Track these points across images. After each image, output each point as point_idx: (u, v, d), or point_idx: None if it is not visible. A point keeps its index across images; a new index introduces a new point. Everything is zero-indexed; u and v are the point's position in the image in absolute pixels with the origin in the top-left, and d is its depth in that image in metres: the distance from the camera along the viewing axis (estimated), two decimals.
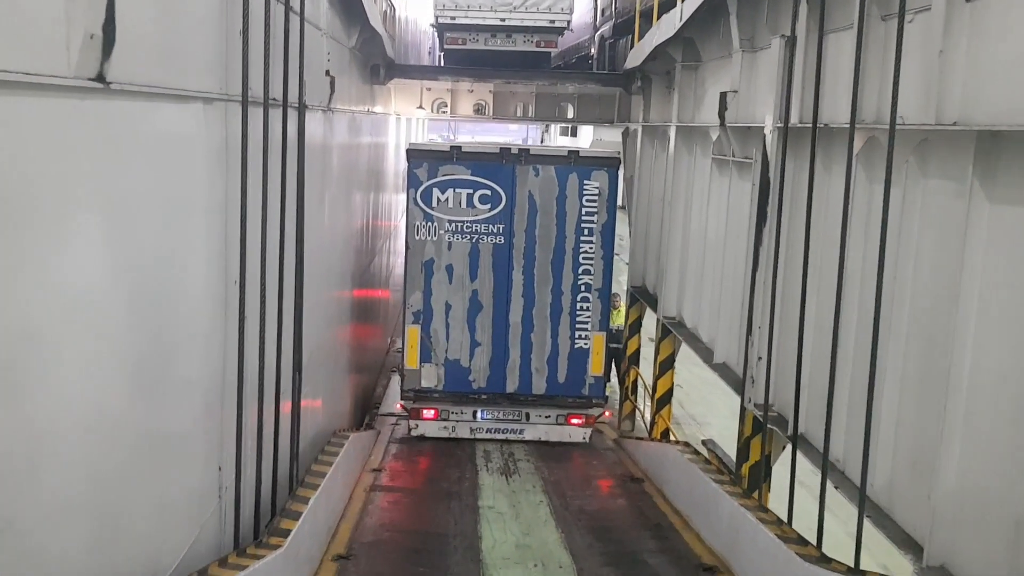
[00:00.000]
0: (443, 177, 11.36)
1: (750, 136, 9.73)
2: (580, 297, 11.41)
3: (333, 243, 11.03)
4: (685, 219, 12.21)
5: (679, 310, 12.44)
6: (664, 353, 12.73)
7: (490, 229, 11.33)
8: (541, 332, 11.49)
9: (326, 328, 10.64)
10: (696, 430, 15.97)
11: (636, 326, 15.21)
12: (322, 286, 10.24)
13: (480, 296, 11.41)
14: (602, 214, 11.40)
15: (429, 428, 11.83)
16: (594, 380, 11.69)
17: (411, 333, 11.46)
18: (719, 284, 10.51)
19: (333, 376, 11.53)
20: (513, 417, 11.72)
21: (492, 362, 11.51)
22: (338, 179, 11.42)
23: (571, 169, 11.33)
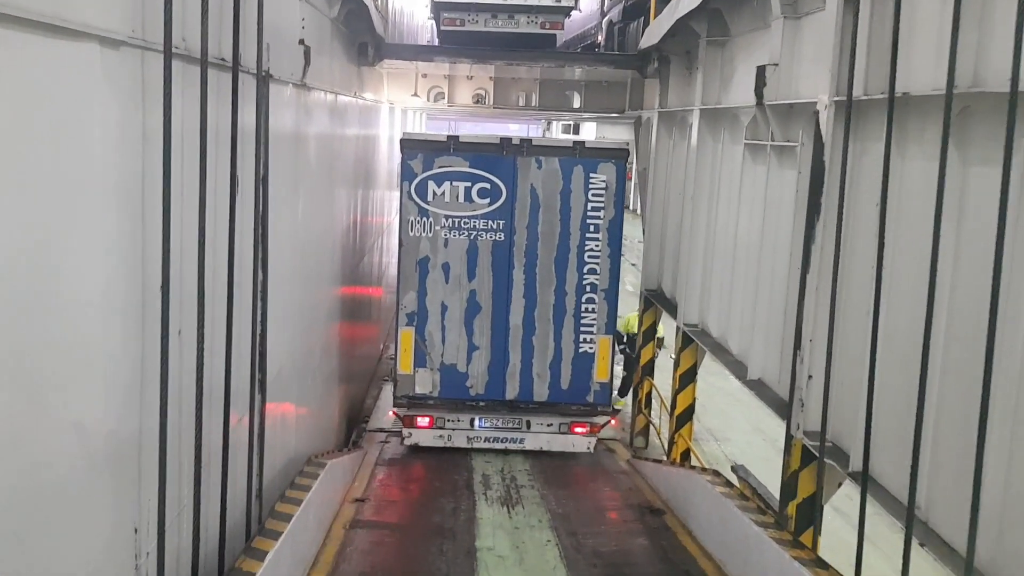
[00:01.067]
0: (439, 169, 10.61)
1: (793, 116, 8.35)
2: (585, 298, 10.75)
3: (313, 240, 9.65)
4: (710, 214, 10.82)
5: (702, 317, 11.06)
6: (685, 364, 11.34)
7: (489, 225, 10.62)
8: (543, 335, 10.81)
9: (304, 336, 9.27)
10: (715, 447, 14.58)
11: (650, 333, 13.82)
12: (298, 289, 8.87)
13: (478, 296, 10.74)
14: (609, 209, 10.69)
15: (423, 437, 11.12)
16: (599, 387, 11.01)
17: (405, 336, 10.81)
18: (753, 289, 9.12)
19: (313, 390, 10.16)
20: (513, 425, 11.07)
21: (491, 367, 10.85)
22: (318, 168, 10.05)
23: (576, 161, 10.62)
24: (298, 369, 9.08)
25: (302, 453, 9.13)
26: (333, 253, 11.51)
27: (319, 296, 10.34)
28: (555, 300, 10.73)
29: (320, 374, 10.72)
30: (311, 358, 9.83)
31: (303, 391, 9.50)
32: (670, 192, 12.86)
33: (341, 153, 11.98)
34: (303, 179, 9.04)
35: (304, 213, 9.16)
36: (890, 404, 6.11)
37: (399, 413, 11.15)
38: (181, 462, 5.19)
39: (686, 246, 11.43)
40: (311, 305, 9.74)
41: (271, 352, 7.47)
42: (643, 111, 15.42)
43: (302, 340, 9.19)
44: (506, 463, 11.59)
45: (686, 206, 11.54)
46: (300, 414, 9.25)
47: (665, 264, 13.05)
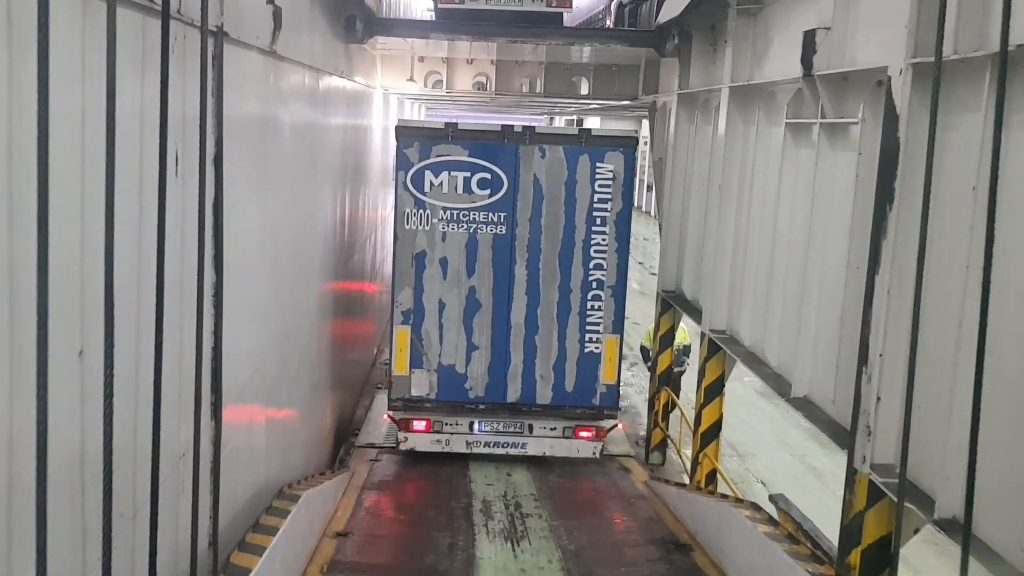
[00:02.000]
0: (437, 158, 10.08)
1: (849, 88, 7.09)
2: (591, 295, 10.29)
3: (291, 234, 8.41)
4: (741, 206, 9.56)
5: (731, 323, 9.80)
6: (711, 375, 10.08)
7: (490, 218, 10.14)
8: (547, 334, 10.34)
9: (279, 343, 8.04)
10: (737, 464, 13.32)
11: (668, 338, 12.56)
12: (271, 289, 7.62)
13: (478, 293, 10.27)
14: (617, 201, 10.21)
15: (420, 441, 10.60)
16: (606, 388, 10.53)
17: (400, 335, 10.35)
18: (798, 291, 7.86)
19: (292, 404, 8.93)
20: (514, 429, 10.58)
21: (491, 368, 10.39)
22: (297, 154, 8.80)
23: (582, 150, 10.11)
24: (270, 382, 7.84)
25: (274, 482, 7.88)
26: (318, 249, 10.27)
27: (300, 297, 9.09)
28: (559, 297, 10.22)
29: (301, 385, 9.48)
30: (287, 367, 8.59)
31: (278, 406, 8.25)
32: (691, 183, 11.59)
33: (327, 140, 10.73)
34: (276, 165, 7.79)
35: (278, 204, 7.91)
36: (996, 436, 4.86)
37: (394, 416, 10.61)
38: (85, 521, 3.94)
39: (712, 242, 10.16)
40: (288, 307, 8.49)
41: (231, 366, 6.23)
42: (658, 96, 14.15)
43: (276, 348, 7.94)
44: (509, 486, 10.36)
45: (712, 197, 10.27)
46: (272, 435, 8.00)
47: (685, 263, 11.78)
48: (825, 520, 8.64)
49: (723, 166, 9.85)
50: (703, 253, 10.83)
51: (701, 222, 10.96)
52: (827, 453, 13.65)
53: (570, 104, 22.04)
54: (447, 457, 11.49)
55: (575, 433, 10.48)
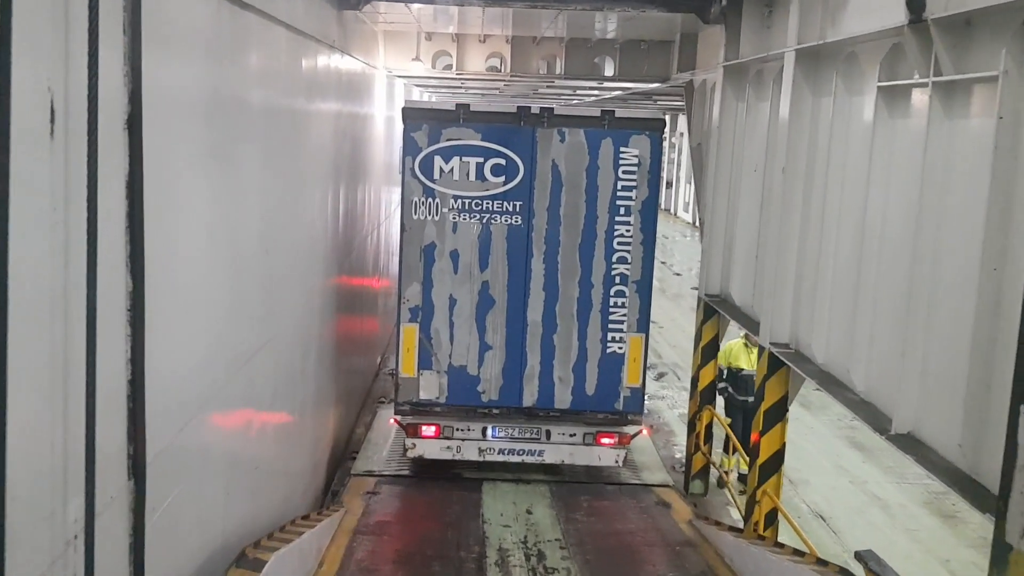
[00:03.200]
0: (447, 143, 9.36)
1: (976, 33, 5.43)
2: (614, 291, 9.58)
3: (264, 229, 6.81)
4: (811, 194, 7.93)
5: (797, 335, 8.17)
6: (772, 397, 8.43)
7: (505, 207, 9.46)
8: (566, 333, 9.65)
9: (244, 365, 6.45)
10: (790, 493, 11.61)
11: (711, 349, 10.91)
12: (231, 297, 6.02)
13: (492, 289, 9.61)
14: (642, 189, 9.44)
15: (429, 448, 9.87)
16: (630, 392, 9.79)
17: (407, 333, 9.67)
18: (901, 301, 6.19)
19: (264, 434, 7.35)
20: (531, 436, 9.83)
21: (506, 369, 9.71)
22: (273, 135, 7.22)
23: (604, 133, 9.37)
24: (232, 412, 6.25)
25: (238, 538, 6.28)
26: (304, 248, 8.69)
27: (277, 304, 7.49)
28: (580, 293, 9.56)
29: (280, 410, 7.91)
30: (258, 391, 7.00)
31: (244, 440, 6.66)
32: (742, 169, 9.94)
33: (316, 123, 9.14)
34: (240, 145, 6.19)
35: (243, 193, 6.32)
36: None
37: (401, 422, 9.88)
38: None
39: (772, 238, 8.50)
40: (260, 318, 6.90)
41: (164, 400, 4.65)
42: (696, 73, 12.50)
43: (240, 369, 6.34)
44: (530, 528, 8.76)
45: (771, 185, 8.62)
46: (237, 478, 6.41)
47: (734, 263, 10.12)
48: (902, 565, 7.03)
49: (787, 147, 8.18)
50: (759, 251, 9.17)
51: (755, 215, 9.31)
52: (891, 479, 11.98)
53: (591, 91, 20.41)
54: (456, 487, 10.06)
55: (596, 439, 9.75)
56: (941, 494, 11.24)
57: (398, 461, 10.92)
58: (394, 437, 11.90)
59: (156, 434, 4.55)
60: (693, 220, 41.22)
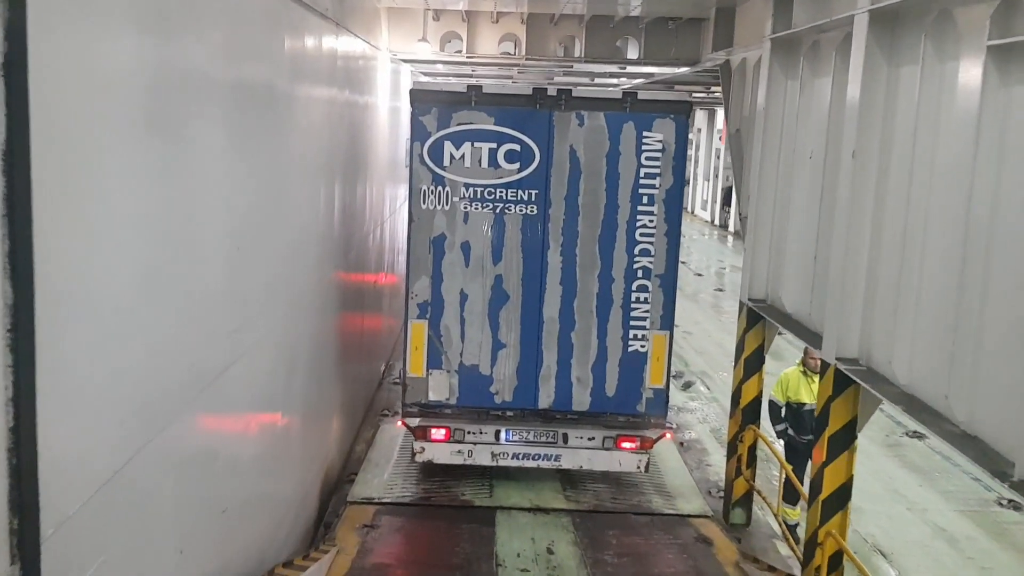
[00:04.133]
0: (458, 127, 8.90)
1: None
2: (636, 285, 9.11)
3: (222, 225, 5.58)
4: (889, 182, 6.65)
5: (868, 350, 6.91)
6: (838, 421, 7.17)
7: (519, 195, 9.02)
8: (584, 331, 9.20)
9: (199, 393, 5.23)
10: (866, 550, 10.33)
11: (756, 361, 9.65)
12: (175, 310, 4.80)
13: (505, 283, 9.16)
14: (667, 176, 8.96)
15: (439, 452, 9.36)
16: (653, 393, 9.31)
17: (416, 330, 9.21)
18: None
19: (235, 471, 6.15)
20: (547, 439, 9.30)
21: (520, 369, 9.26)
22: (249, 114, 6.02)
23: (626, 117, 8.89)
24: (187, 446, 5.04)
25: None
26: (289, 246, 7.48)
27: (252, 315, 6.28)
28: (599, 288, 9.10)
29: (256, 438, 6.70)
30: (225, 415, 5.79)
31: (205, 479, 5.44)
32: (795, 157, 8.68)
33: (302, 105, 7.92)
34: (193, 118, 4.96)
35: (200, 179, 5.09)
36: None
37: (409, 424, 9.36)
38: None
39: (838, 235, 7.23)
40: (230, 329, 5.68)
41: (76, 450, 3.46)
42: (735, 51, 11.24)
43: (196, 397, 5.13)
44: (552, 573, 7.52)
45: (836, 174, 7.36)
46: (193, 529, 5.19)
47: (785, 264, 8.85)
48: None
49: (857, 128, 6.91)
50: (818, 250, 7.91)
51: (813, 208, 8.06)
52: (953, 505, 10.69)
53: (612, 78, 19.15)
54: (465, 518, 8.96)
55: (616, 444, 9.25)
56: (1015, 524, 9.95)
57: (401, 485, 9.75)
58: (397, 456, 10.74)
59: (58, 497, 3.35)
60: (711, 218, 39.92)
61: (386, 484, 9.79)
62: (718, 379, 15.47)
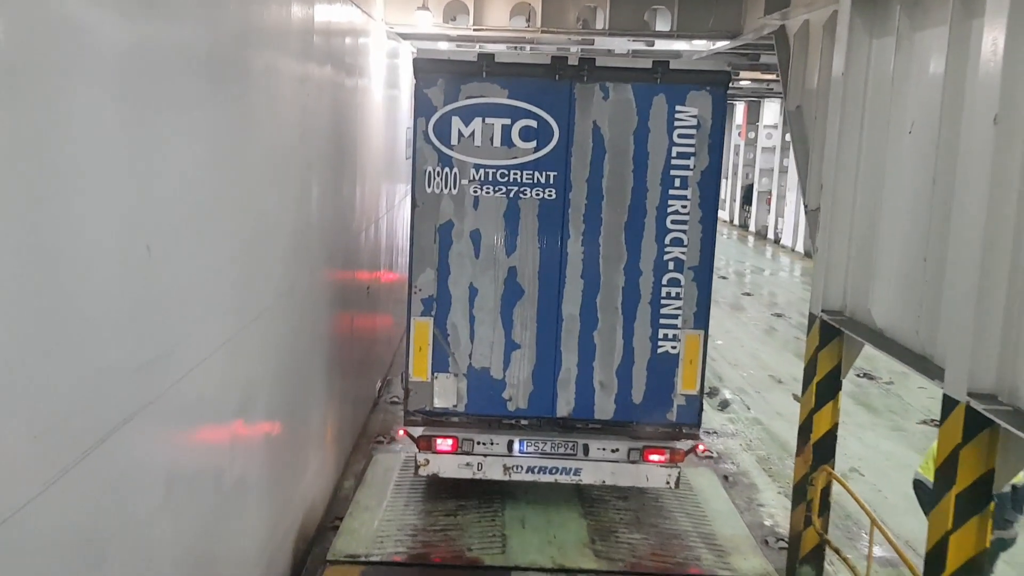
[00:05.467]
0: (467, 100, 8.21)
1: None
2: (667, 279, 8.39)
3: (118, 215, 3.83)
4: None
5: (1011, 382, 5.13)
6: (969, 473, 5.41)
7: (536, 178, 8.32)
8: (609, 330, 8.50)
9: (99, 442, 3.48)
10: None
11: (831, 385, 7.90)
12: (69, 319, 3.04)
13: (520, 276, 8.45)
14: (702, 156, 8.26)
15: (445, 465, 8.60)
16: (685, 400, 8.56)
17: (419, 329, 8.48)
18: None
19: (179, 540, 4.41)
20: (566, 451, 8.55)
21: (536, 373, 8.55)
22: (161, 80, 4.27)
23: (657, 89, 8.19)
24: (66, 528, 3.31)
25: None
26: (250, 244, 5.77)
27: (190, 329, 4.57)
28: (625, 282, 8.42)
29: (194, 490, 4.97)
30: (132, 478, 4.06)
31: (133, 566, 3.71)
32: (888, 134, 6.92)
33: (264, 76, 6.21)
34: (74, 80, 3.23)
35: (81, 151, 3.36)
36: None
37: (412, 434, 8.59)
38: None
39: (965, 233, 5.46)
40: (139, 363, 3.96)
41: None
42: (790, 14, 9.48)
43: (91, 457, 3.40)
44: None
45: (963, 149, 5.59)
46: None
47: (876, 268, 7.08)
48: None
49: (1001, 85, 5.14)
50: (929, 250, 6.15)
51: (923, 194, 6.29)
52: None
53: (636, 57, 17.37)
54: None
55: (644, 456, 8.49)
56: None
57: (394, 537, 8.10)
58: (391, 496, 9.05)
59: None
60: (730, 218, 38.27)
61: (376, 535, 8.08)
62: (758, 397, 13.73)
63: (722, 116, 8.26)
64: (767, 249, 31.98)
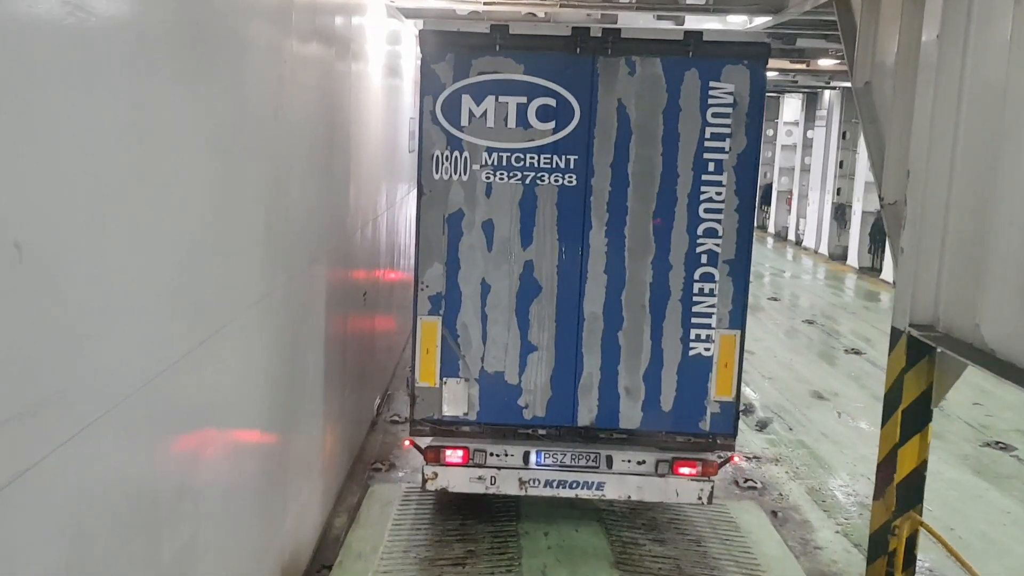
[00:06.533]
0: (479, 77, 7.50)
1: None
2: (700, 273, 7.70)
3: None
4: None
5: None
6: None
7: (555, 163, 7.64)
8: (634, 330, 7.78)
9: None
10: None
11: (919, 414, 6.57)
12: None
13: (537, 271, 7.79)
14: (738, 137, 7.50)
15: (455, 479, 7.90)
16: (719, 408, 7.82)
17: (427, 330, 7.82)
18: None
19: None
20: (587, 463, 7.88)
21: (555, 377, 7.87)
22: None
23: (689, 63, 7.46)
24: None
25: None
26: (196, 237, 4.46)
27: (125, 353, 3.27)
28: (653, 277, 7.83)
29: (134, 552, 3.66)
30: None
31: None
32: (1007, 107, 5.58)
33: (217, 41, 4.90)
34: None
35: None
36: None
37: (419, 445, 8.07)
38: None
39: None
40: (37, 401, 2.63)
41: None
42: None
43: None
44: None
45: None
46: None
47: (987, 275, 5.73)
48: None
49: None
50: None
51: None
52: None
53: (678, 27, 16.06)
54: None
55: (673, 469, 7.95)
56: None
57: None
58: (388, 537, 7.87)
59: None
60: None
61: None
62: (799, 415, 12.39)
63: (761, 93, 7.59)
64: (788, 251, 30.65)
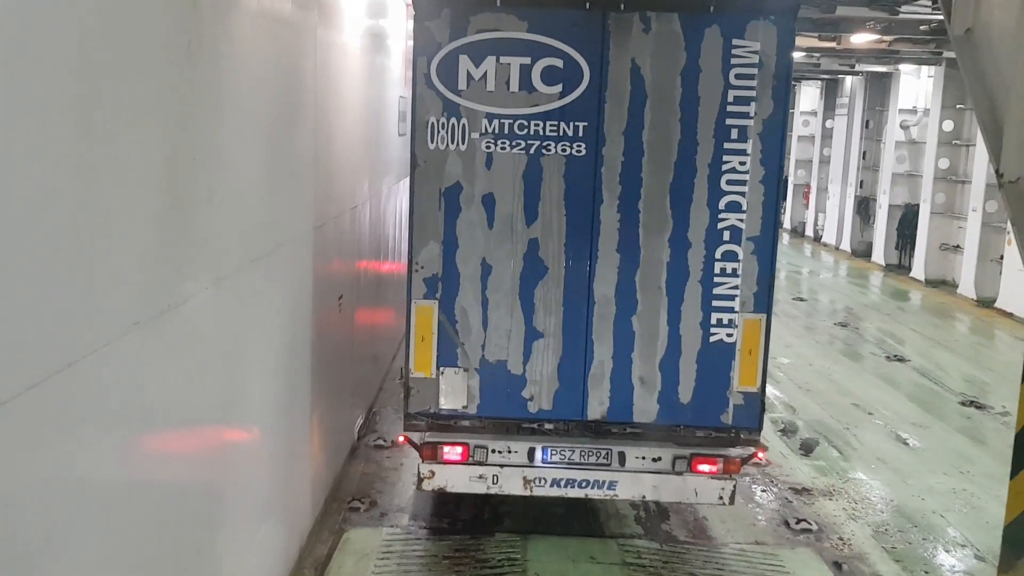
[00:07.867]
0: (478, 36, 7.12)
1: None
2: (721, 252, 7.31)
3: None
4: None
5: None
6: None
7: (562, 130, 7.27)
8: (650, 314, 7.38)
9: None
10: None
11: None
12: None
13: (543, 250, 7.38)
14: (764, 101, 7.10)
15: (454, 478, 7.51)
16: (743, 399, 7.39)
17: (422, 315, 7.43)
18: None
19: None
20: (598, 460, 7.54)
21: (562, 367, 7.48)
22: None
23: (710, 19, 7.08)
24: None
25: None
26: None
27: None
28: (671, 256, 7.32)
29: None
30: None
31: None
32: None
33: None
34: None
35: None
36: None
37: (414, 441, 7.50)
38: None
39: None
40: None
41: None
42: None
43: None
44: None
45: None
46: None
47: None
48: None
49: None
50: None
51: None
52: None
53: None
54: None
55: (691, 466, 7.47)
56: None
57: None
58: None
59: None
60: None
61: None
62: (848, 435, 10.80)
63: (789, 52, 7.11)
64: (806, 247, 29.17)
